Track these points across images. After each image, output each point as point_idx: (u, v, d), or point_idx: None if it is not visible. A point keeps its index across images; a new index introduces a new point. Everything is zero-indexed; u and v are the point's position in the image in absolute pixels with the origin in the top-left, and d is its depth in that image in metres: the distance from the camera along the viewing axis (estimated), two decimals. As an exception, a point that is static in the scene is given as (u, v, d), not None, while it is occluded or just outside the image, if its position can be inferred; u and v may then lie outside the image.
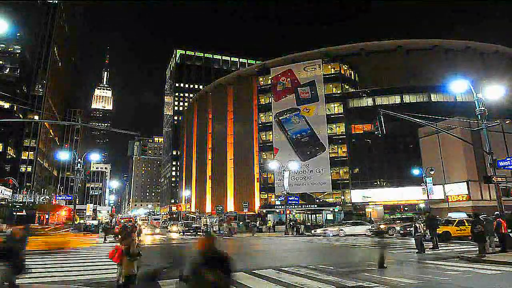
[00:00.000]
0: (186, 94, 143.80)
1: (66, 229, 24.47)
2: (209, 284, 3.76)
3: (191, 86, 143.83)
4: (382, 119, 18.08)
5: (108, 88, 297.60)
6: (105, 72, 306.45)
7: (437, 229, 19.02)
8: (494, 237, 14.93)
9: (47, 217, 47.12)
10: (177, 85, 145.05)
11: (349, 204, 53.43)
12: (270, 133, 61.71)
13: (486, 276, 10.30)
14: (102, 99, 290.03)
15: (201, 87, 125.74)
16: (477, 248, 14.29)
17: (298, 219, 51.37)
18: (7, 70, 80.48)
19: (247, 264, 13.65)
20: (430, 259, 14.08)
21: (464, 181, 42.12)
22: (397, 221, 32.28)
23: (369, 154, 54.22)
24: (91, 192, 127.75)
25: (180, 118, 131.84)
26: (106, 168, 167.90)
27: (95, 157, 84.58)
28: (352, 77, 63.28)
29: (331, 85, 59.55)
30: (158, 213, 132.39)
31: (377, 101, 55.72)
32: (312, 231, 35.11)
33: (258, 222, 48.22)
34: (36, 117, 79.54)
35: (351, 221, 36.30)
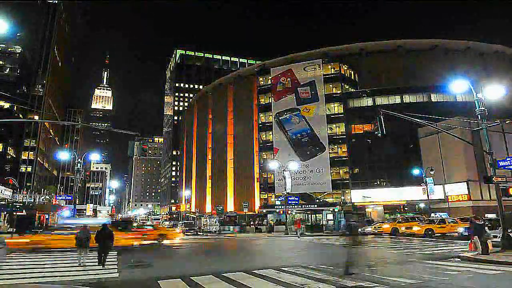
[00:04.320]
0: (186, 94, 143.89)
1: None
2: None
3: (191, 86, 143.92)
4: (382, 119, 18.07)
5: (108, 88, 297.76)
6: (105, 72, 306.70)
7: None
8: None
9: (47, 217, 47.11)
10: (177, 85, 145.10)
11: (349, 204, 53.40)
12: (270, 133, 61.67)
13: (486, 276, 10.30)
14: (102, 99, 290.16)
15: (201, 87, 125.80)
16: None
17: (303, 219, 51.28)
18: (7, 70, 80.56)
19: (247, 264, 13.65)
20: (430, 259, 14.08)
21: (464, 181, 42.10)
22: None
23: (369, 154, 54.18)
24: (91, 192, 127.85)
25: (180, 118, 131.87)
26: (106, 168, 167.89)
27: (95, 157, 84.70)
28: (352, 77, 63.25)
29: (331, 85, 59.51)
30: (158, 213, 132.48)
31: (377, 101, 55.71)
32: None
33: (257, 222, 48.24)
34: (36, 117, 79.51)
35: None
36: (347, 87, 60.52)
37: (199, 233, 43.23)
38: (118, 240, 15.58)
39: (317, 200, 55.19)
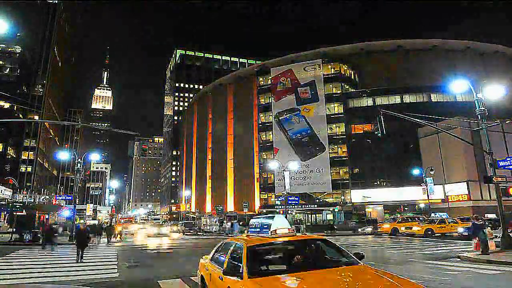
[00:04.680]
0: (186, 94, 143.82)
1: None
2: None
3: (191, 86, 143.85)
4: (382, 119, 18.06)
5: (108, 88, 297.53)
6: (105, 72, 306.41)
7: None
8: None
9: (47, 217, 47.08)
10: (177, 85, 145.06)
11: (349, 204, 53.43)
12: (270, 133, 61.68)
13: (486, 276, 10.30)
14: (102, 99, 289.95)
15: (201, 87, 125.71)
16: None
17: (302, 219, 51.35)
18: (7, 70, 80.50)
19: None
20: (430, 259, 14.08)
21: (464, 181, 42.12)
22: None
23: (369, 154, 54.19)
24: (91, 192, 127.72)
25: (180, 118, 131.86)
26: (106, 168, 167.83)
27: (95, 157, 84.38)
28: (352, 77, 63.27)
29: (331, 85, 59.52)
30: (158, 213, 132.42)
31: (377, 101, 55.71)
32: None
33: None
34: (36, 117, 79.46)
35: None
36: (347, 87, 60.52)
37: (199, 233, 43.22)
38: None
39: (317, 200, 55.21)
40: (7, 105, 74.51)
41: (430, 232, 26.90)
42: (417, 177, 41.67)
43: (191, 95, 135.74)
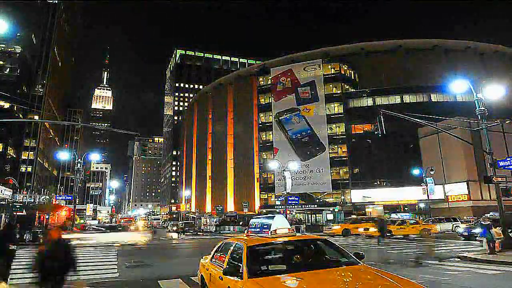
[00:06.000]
0: (186, 94, 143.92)
1: None
2: None
3: (191, 86, 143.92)
4: (382, 119, 18.07)
5: (108, 88, 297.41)
6: (105, 72, 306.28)
7: None
8: None
9: (47, 217, 47.06)
10: (177, 85, 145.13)
11: (349, 204, 53.42)
12: (270, 133, 61.69)
13: (487, 276, 10.30)
14: (102, 99, 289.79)
15: (201, 87, 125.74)
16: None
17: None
18: (7, 70, 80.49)
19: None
20: (430, 258, 14.08)
21: (464, 181, 42.14)
22: None
23: (369, 154, 54.20)
24: (91, 192, 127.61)
25: (180, 118, 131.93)
26: (106, 168, 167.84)
27: (95, 157, 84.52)
28: (352, 77, 63.27)
29: (331, 85, 59.53)
30: (158, 213, 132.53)
31: (377, 101, 55.72)
32: None
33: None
34: (36, 117, 79.53)
35: None
36: (347, 87, 60.52)
37: (199, 233, 43.27)
38: None
39: (317, 200, 55.20)
40: (7, 105, 74.50)
41: (389, 234, 24.94)
42: (417, 177, 41.67)
43: (191, 95, 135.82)
